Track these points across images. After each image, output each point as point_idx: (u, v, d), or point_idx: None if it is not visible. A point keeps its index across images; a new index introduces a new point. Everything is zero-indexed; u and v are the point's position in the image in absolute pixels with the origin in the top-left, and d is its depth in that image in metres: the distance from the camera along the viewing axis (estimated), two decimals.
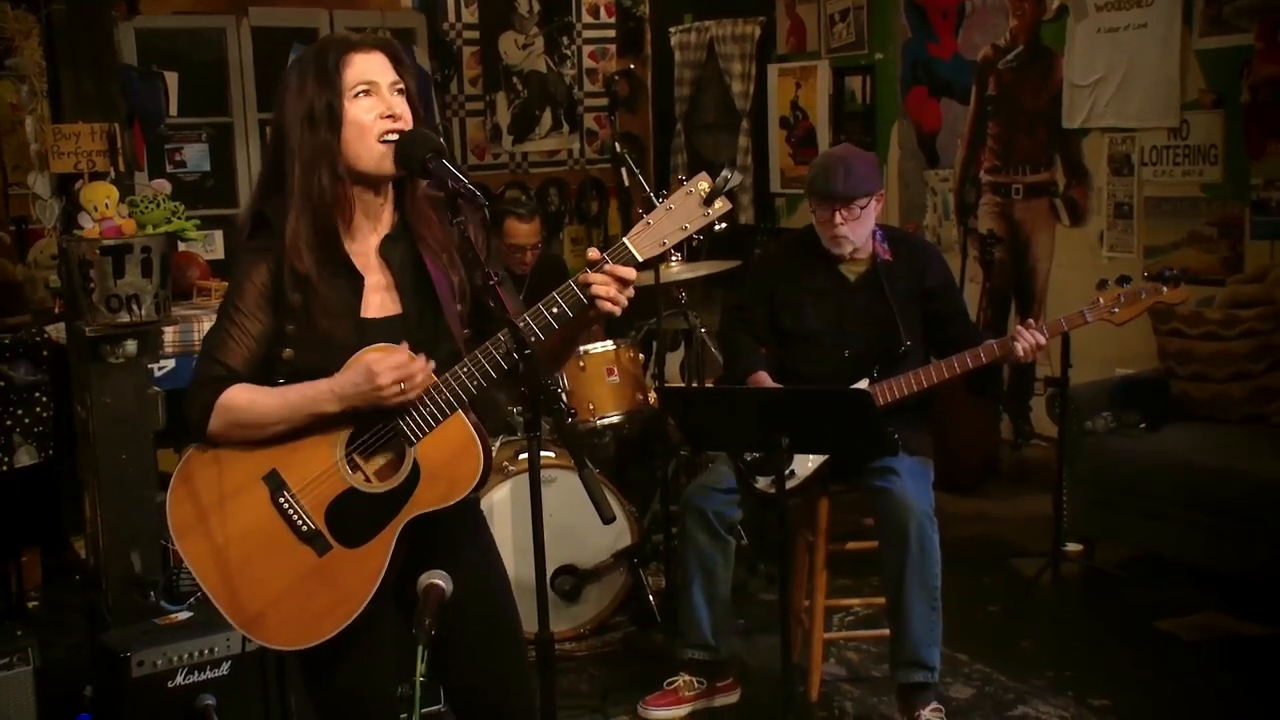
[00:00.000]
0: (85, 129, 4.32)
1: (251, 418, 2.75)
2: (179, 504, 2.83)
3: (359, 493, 2.76)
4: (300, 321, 2.75)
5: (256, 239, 2.79)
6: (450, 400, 2.72)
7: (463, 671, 2.92)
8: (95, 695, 4.33)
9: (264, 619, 2.79)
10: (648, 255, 2.68)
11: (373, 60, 2.74)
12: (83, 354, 4.45)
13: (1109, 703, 4.50)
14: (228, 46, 8.12)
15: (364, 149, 2.71)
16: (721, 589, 4.49)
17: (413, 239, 2.85)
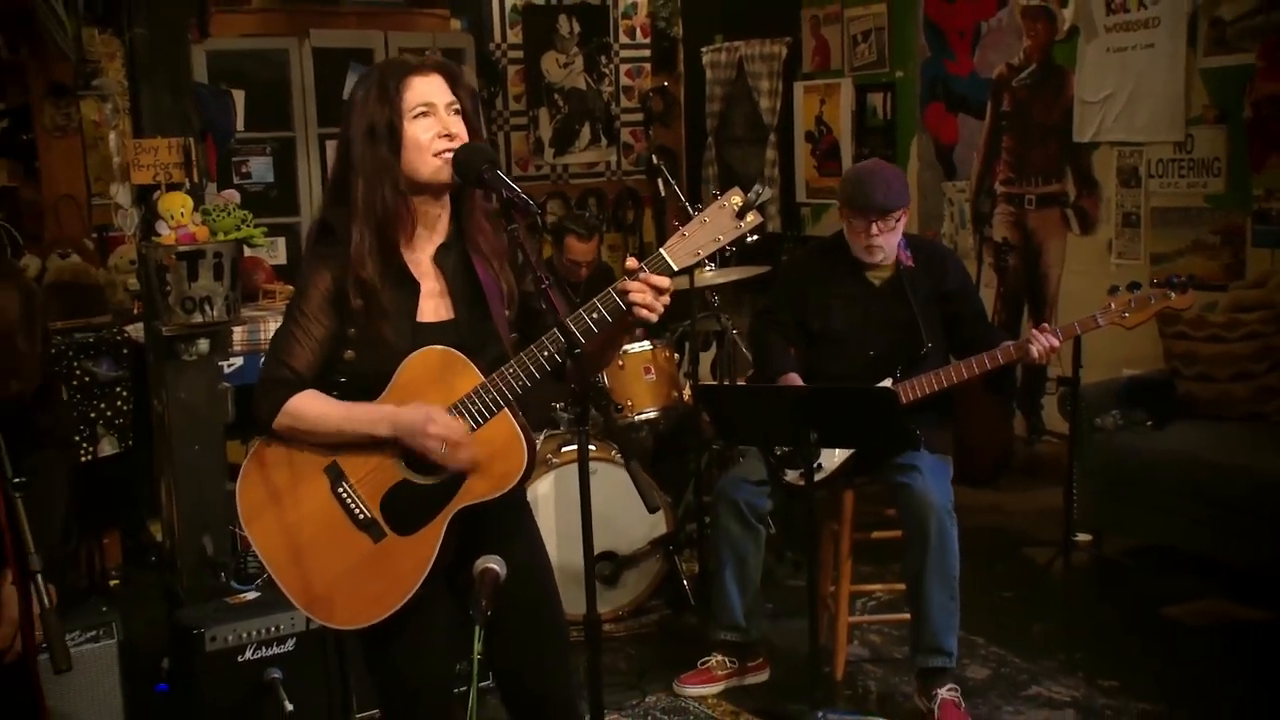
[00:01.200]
0: (163, 143, 4.35)
1: (315, 428, 2.78)
2: (248, 492, 2.85)
3: (412, 484, 2.78)
4: (361, 325, 2.76)
5: (321, 247, 2.81)
6: (498, 398, 2.74)
7: (508, 653, 2.92)
8: (172, 668, 4.38)
9: (324, 600, 2.81)
10: (683, 265, 2.70)
11: (431, 82, 2.76)
12: (160, 352, 4.48)
13: (1117, 683, 4.48)
14: (290, 66, 8.15)
15: (422, 165, 2.73)
16: (752, 575, 4.49)
17: (465, 247, 2.86)
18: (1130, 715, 4.27)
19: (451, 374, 2.75)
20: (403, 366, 2.74)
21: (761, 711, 4.42)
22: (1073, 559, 5.54)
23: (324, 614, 2.83)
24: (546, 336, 2.69)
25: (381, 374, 2.75)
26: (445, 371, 2.75)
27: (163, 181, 4.36)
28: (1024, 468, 6.85)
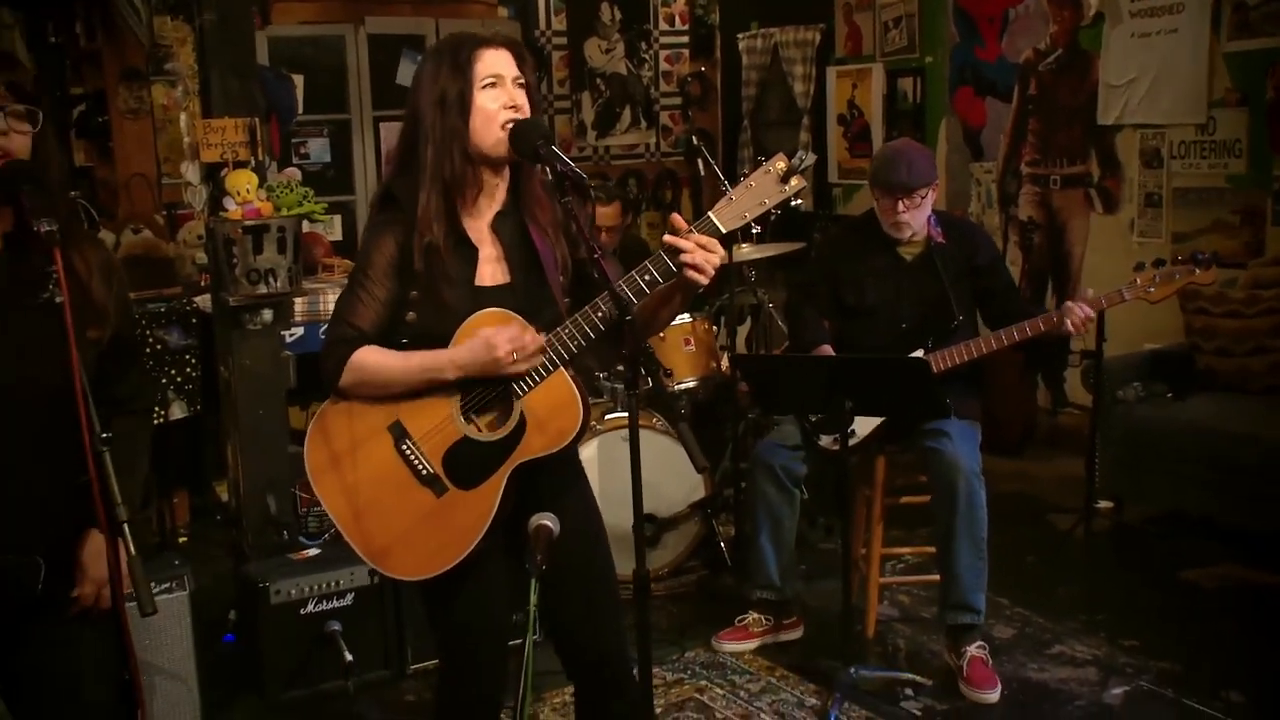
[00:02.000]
0: (230, 123, 4.38)
1: (377, 378, 2.78)
2: (315, 449, 2.87)
3: (473, 441, 2.78)
4: (423, 288, 2.77)
5: (385, 214, 2.83)
6: (554, 358, 2.74)
7: (562, 607, 2.93)
8: (238, 619, 4.44)
9: (389, 552, 2.82)
10: (730, 227, 2.67)
11: (500, 56, 2.76)
12: (226, 321, 4.52)
13: (1138, 643, 4.48)
14: (346, 52, 8.19)
15: (488, 134, 2.73)
16: (787, 537, 4.50)
17: (522, 216, 2.86)
18: (1149, 673, 4.27)
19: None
20: (462, 328, 2.74)
21: (795, 667, 4.43)
22: (1094, 525, 5.53)
23: (388, 566, 2.83)
24: (600, 299, 2.68)
25: (442, 335, 2.75)
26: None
27: (230, 160, 4.39)
28: (1047, 438, 6.84)
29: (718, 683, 4.35)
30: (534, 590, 2.39)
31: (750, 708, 4.17)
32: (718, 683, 4.35)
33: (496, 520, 2.79)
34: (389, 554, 2.83)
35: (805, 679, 4.34)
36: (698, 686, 4.31)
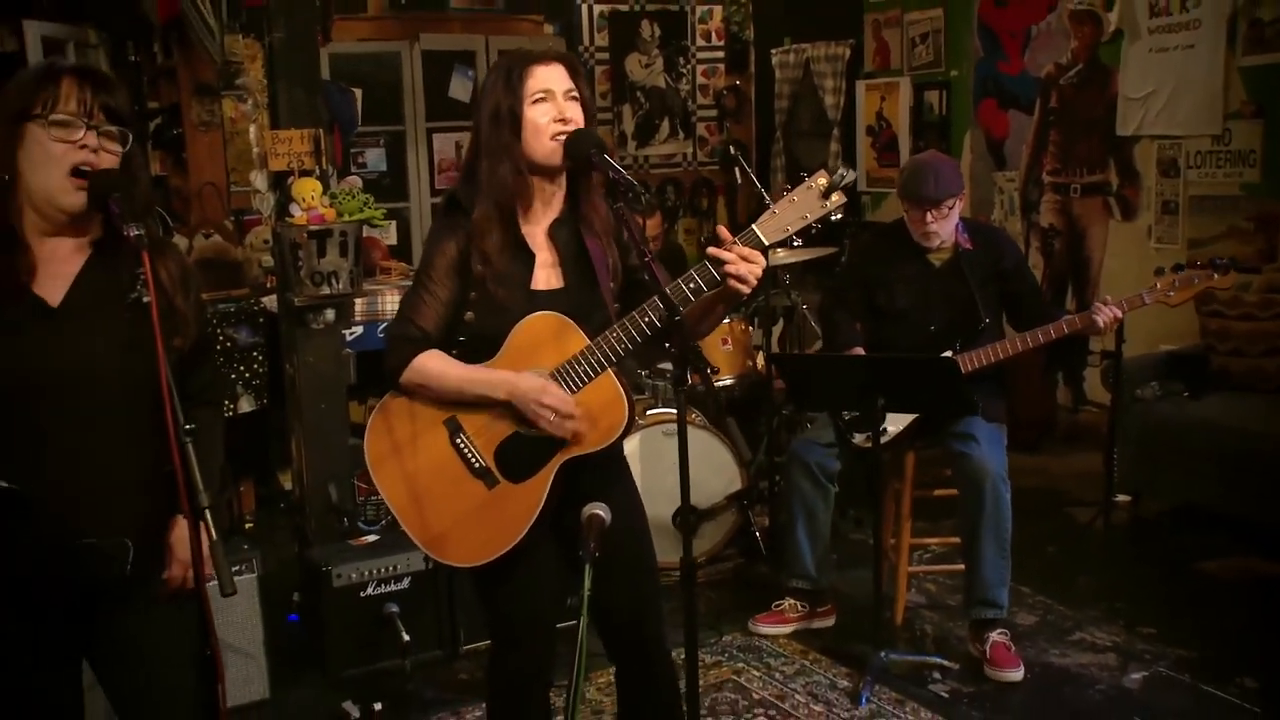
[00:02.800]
0: (296, 134, 4.42)
1: (437, 384, 2.79)
2: (375, 440, 2.88)
3: (523, 436, 2.79)
4: (481, 290, 2.78)
5: (448, 218, 2.84)
6: (602, 360, 2.74)
7: (605, 592, 2.89)
8: (302, 601, 4.48)
9: (443, 540, 2.84)
10: (773, 240, 2.67)
11: (552, 71, 2.76)
12: (291, 320, 4.55)
13: (1155, 630, 4.46)
14: (402, 67, 8.23)
15: (539, 146, 2.73)
16: (822, 529, 4.50)
17: (577, 222, 2.86)
18: (1166, 660, 4.25)
19: (561, 337, 2.77)
20: (516, 329, 2.75)
21: (828, 651, 4.43)
22: (1113, 518, 5.44)
23: (441, 553, 2.85)
24: (648, 304, 2.68)
25: (497, 335, 2.77)
26: (555, 335, 2.76)
27: (296, 168, 4.43)
28: (1067, 434, 6.80)
29: (754, 665, 4.35)
30: (587, 576, 2.39)
31: (785, 689, 4.17)
32: (754, 665, 4.35)
33: (545, 512, 2.80)
34: (443, 542, 2.85)
35: (837, 662, 4.34)
36: (735, 668, 4.32)
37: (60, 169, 2.31)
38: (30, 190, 2.34)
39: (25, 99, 2.31)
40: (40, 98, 2.31)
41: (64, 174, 2.31)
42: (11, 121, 2.31)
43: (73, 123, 2.32)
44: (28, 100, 2.31)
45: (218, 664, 2.23)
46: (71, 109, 2.32)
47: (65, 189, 2.32)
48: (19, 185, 2.33)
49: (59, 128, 2.31)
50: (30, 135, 2.31)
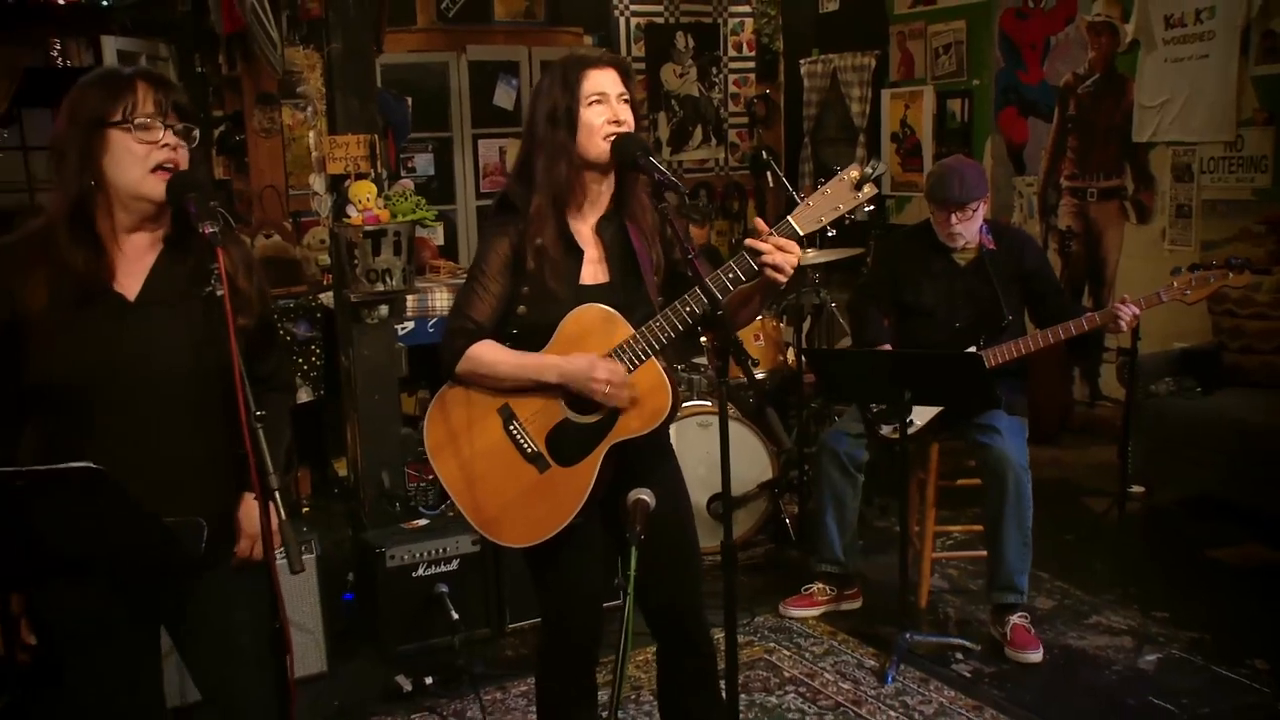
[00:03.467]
0: (353, 139, 4.44)
1: (491, 372, 2.80)
2: (433, 427, 2.89)
3: (573, 423, 2.80)
4: (532, 284, 2.78)
5: (501, 217, 2.84)
6: (646, 349, 2.75)
7: (649, 572, 2.91)
8: (357, 581, 4.50)
9: (497, 521, 2.85)
10: (807, 230, 2.67)
11: (606, 75, 2.77)
12: (347, 316, 4.58)
13: (1168, 614, 4.45)
14: (449, 76, 8.25)
15: (591, 146, 2.73)
16: (850, 516, 4.50)
17: (623, 220, 2.86)
18: (1179, 642, 4.24)
19: (607, 327, 2.77)
20: (565, 320, 2.76)
21: (855, 632, 4.43)
22: (1127, 507, 5.42)
23: (496, 534, 2.86)
24: (689, 295, 2.68)
25: (547, 327, 2.77)
26: (602, 325, 2.77)
27: (352, 172, 4.45)
28: (1083, 428, 6.77)
29: (785, 645, 4.36)
30: (634, 557, 2.40)
31: (815, 668, 4.17)
32: (785, 645, 4.36)
33: (593, 495, 2.81)
34: (497, 523, 2.86)
35: (865, 643, 4.34)
36: (767, 648, 4.32)
37: (144, 168, 2.35)
38: (116, 191, 2.37)
39: (103, 107, 2.33)
40: (118, 104, 2.34)
41: (147, 172, 2.35)
42: (91, 129, 2.33)
43: (152, 124, 2.35)
44: (106, 108, 2.33)
45: (286, 637, 2.26)
46: (149, 111, 2.35)
47: (151, 183, 2.36)
48: (103, 188, 2.36)
49: (141, 130, 2.34)
50: (114, 140, 2.34)
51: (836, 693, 3.99)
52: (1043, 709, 3.81)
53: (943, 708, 3.86)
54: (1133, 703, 3.85)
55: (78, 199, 2.35)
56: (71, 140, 2.34)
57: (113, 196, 2.37)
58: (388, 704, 3.99)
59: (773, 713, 3.87)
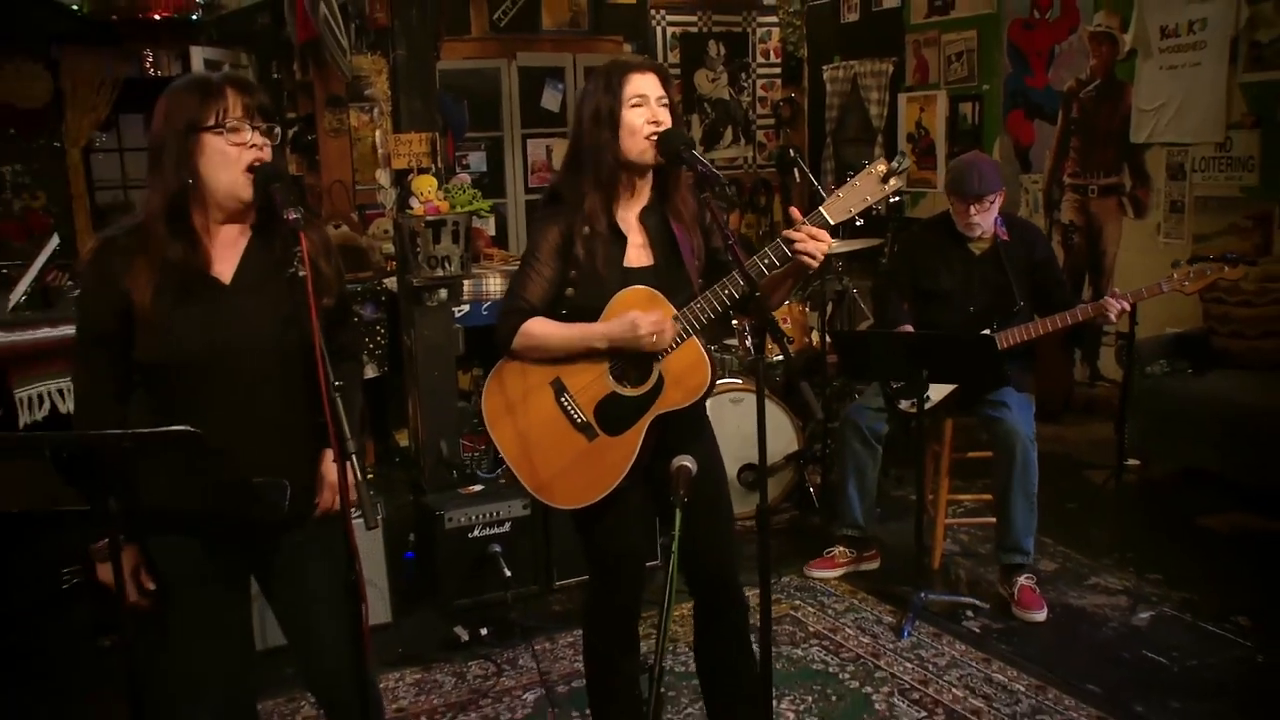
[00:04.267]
0: (416, 137, 4.44)
1: (543, 344, 2.79)
2: (491, 399, 2.88)
3: (619, 395, 2.79)
4: (581, 268, 2.77)
5: (551, 208, 2.83)
6: (687, 328, 2.74)
7: (689, 534, 2.90)
8: (417, 541, 4.51)
9: (550, 486, 2.84)
10: (837, 220, 2.64)
11: (646, 79, 2.75)
12: (409, 299, 4.59)
13: (1160, 577, 4.43)
14: (501, 81, 8.24)
15: (633, 144, 2.72)
16: (870, 485, 4.48)
17: (664, 210, 2.85)
18: (1170, 601, 4.22)
19: (651, 307, 2.74)
20: (613, 301, 2.74)
21: (874, 591, 4.41)
22: (1124, 479, 5.47)
23: (549, 496, 2.85)
24: (728, 279, 2.67)
25: (595, 308, 2.76)
26: (646, 305, 2.74)
27: (415, 167, 4.45)
28: (1083, 406, 6.71)
29: (809, 603, 4.35)
30: (678, 520, 2.39)
31: (837, 623, 4.16)
32: (809, 603, 4.35)
33: (638, 462, 2.80)
34: (550, 487, 2.85)
35: (882, 601, 4.33)
36: (792, 605, 4.31)
37: (237, 169, 2.35)
38: (212, 189, 2.37)
39: (197, 112, 2.33)
40: (211, 110, 2.34)
41: (241, 171, 2.36)
42: (187, 134, 2.33)
43: (242, 127, 2.36)
44: (200, 113, 2.33)
45: (361, 588, 2.26)
46: (239, 115, 2.36)
47: (244, 184, 2.37)
48: (199, 186, 2.37)
49: (233, 133, 2.35)
50: (208, 144, 2.34)
51: (857, 646, 3.98)
52: (1046, 662, 3.80)
53: (954, 660, 3.85)
54: (1128, 656, 3.84)
55: (175, 196, 2.35)
56: (168, 143, 2.34)
57: (207, 194, 2.38)
58: (446, 652, 4.01)
59: (798, 664, 3.87)
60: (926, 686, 3.69)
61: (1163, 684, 3.64)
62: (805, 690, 3.69)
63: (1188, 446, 5.26)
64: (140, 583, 2.43)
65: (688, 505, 2.48)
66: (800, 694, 3.66)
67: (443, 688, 3.79)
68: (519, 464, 2.87)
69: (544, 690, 3.73)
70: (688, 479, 2.46)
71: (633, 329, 2.69)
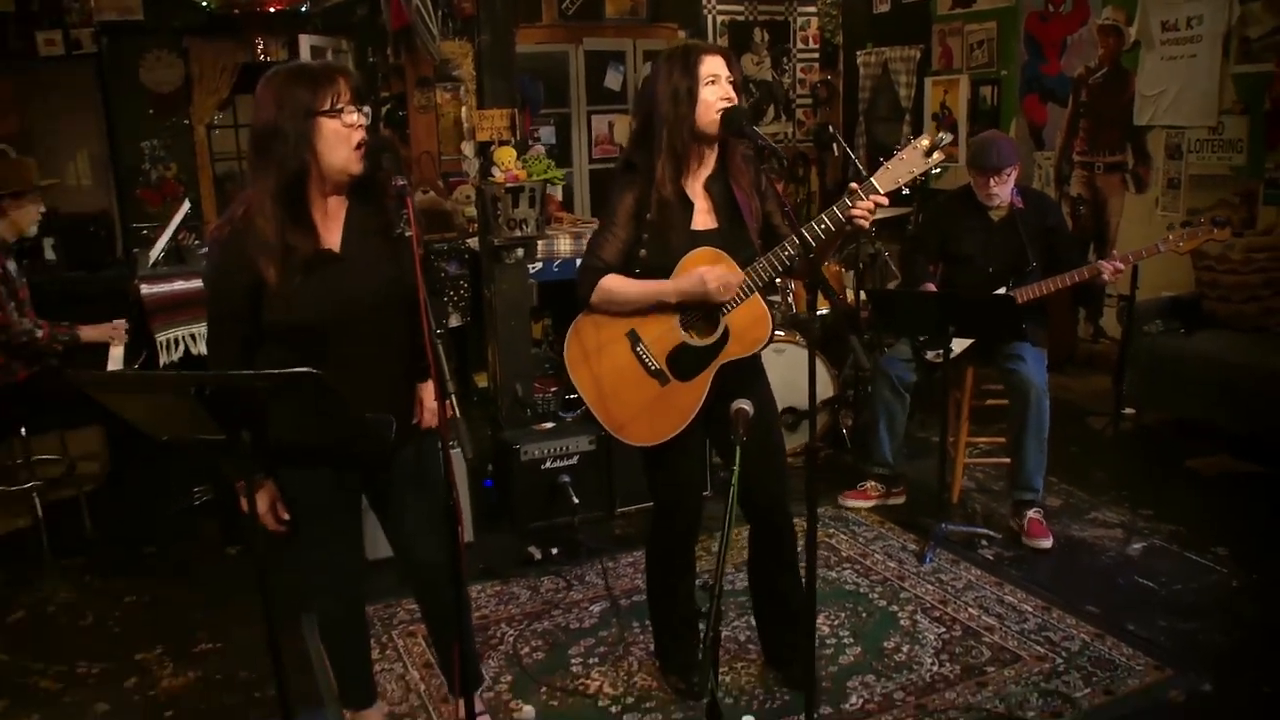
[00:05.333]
0: (497, 113, 4.39)
1: (619, 299, 2.78)
2: (572, 348, 2.88)
3: (689, 345, 2.79)
4: (653, 231, 2.75)
5: (626, 176, 2.81)
6: (750, 285, 2.72)
7: (745, 468, 2.86)
8: (495, 471, 4.52)
9: (626, 426, 2.85)
10: (886, 189, 2.63)
11: (717, 60, 2.72)
12: (490, 257, 4.56)
13: (1152, 512, 4.38)
14: (568, 64, 8.14)
15: (706, 118, 2.69)
16: (899, 428, 4.43)
17: (727, 178, 2.81)
18: (1160, 534, 4.18)
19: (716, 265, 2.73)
20: (682, 260, 2.73)
21: (900, 522, 4.38)
22: (1121, 426, 5.40)
23: (625, 435, 2.86)
24: (786, 241, 2.65)
25: (665, 267, 2.74)
26: (712, 264, 2.73)
27: (496, 139, 4.41)
28: (1086, 360, 6.59)
29: (842, 531, 4.32)
30: (738, 457, 2.37)
31: (867, 549, 4.14)
32: (842, 531, 4.32)
33: (704, 405, 2.80)
34: (625, 427, 2.85)
35: (907, 531, 4.30)
36: (827, 533, 4.29)
37: (349, 148, 2.35)
38: (327, 166, 2.37)
39: (313, 100, 2.32)
40: (326, 95, 2.32)
41: (351, 149, 2.35)
42: (304, 118, 2.32)
43: (351, 110, 2.35)
44: (316, 100, 2.32)
45: (458, 510, 2.27)
46: (348, 99, 2.35)
47: (354, 160, 2.36)
48: (315, 165, 2.36)
49: (345, 115, 2.34)
50: (324, 127, 2.33)
51: (884, 569, 3.96)
52: (1051, 586, 3.77)
53: (970, 584, 3.82)
54: (1122, 582, 3.80)
55: (291, 177, 2.34)
56: (284, 129, 2.31)
57: (324, 171, 2.37)
58: (522, 569, 4.03)
59: (833, 585, 3.85)
60: (945, 606, 3.66)
61: (1151, 605, 3.61)
62: (839, 608, 3.68)
63: (1178, 398, 5.17)
64: (277, 514, 2.45)
65: (745, 442, 2.47)
66: (834, 611, 3.65)
67: (519, 599, 3.81)
68: (597, 406, 2.87)
69: (609, 603, 3.74)
70: (747, 420, 2.44)
71: (701, 283, 2.67)
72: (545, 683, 3.24)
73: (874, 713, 3.05)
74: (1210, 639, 3.39)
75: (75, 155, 6.26)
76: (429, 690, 3.22)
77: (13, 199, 4.15)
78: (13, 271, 4.20)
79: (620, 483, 4.41)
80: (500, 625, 3.62)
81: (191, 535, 4.45)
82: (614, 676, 3.26)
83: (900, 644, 3.42)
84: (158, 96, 6.31)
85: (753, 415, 2.47)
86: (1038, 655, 3.32)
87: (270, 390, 1.93)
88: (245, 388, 1.93)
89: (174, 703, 3.25)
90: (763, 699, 3.12)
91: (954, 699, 3.10)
